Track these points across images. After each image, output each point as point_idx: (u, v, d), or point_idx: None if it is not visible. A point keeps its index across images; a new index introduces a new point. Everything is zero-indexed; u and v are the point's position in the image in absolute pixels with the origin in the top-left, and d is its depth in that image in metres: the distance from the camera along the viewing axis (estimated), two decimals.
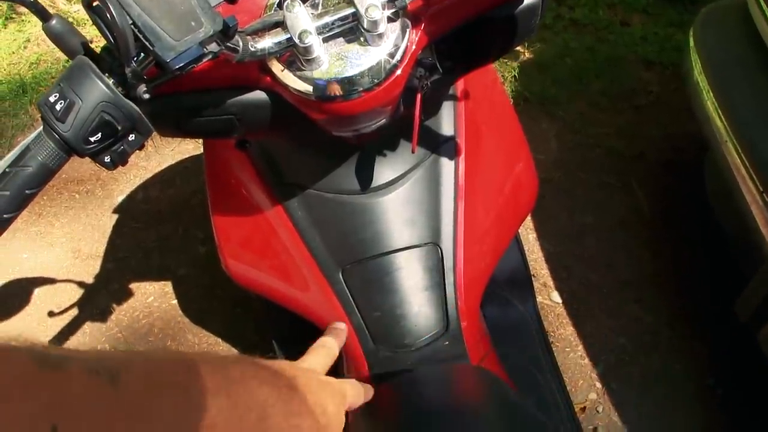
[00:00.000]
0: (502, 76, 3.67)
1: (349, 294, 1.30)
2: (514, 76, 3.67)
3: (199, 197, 3.12)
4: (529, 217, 2.93)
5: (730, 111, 2.04)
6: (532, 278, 2.08)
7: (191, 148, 3.37)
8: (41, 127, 0.79)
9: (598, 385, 2.44)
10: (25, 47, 4.07)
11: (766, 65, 2.01)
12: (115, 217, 3.15)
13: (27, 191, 0.78)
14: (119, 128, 0.80)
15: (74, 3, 4.27)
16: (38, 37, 4.07)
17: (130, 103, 0.80)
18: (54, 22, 0.79)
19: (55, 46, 0.82)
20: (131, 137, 0.83)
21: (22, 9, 4.16)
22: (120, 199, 3.23)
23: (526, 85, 3.61)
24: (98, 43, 0.82)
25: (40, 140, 0.78)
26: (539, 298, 2.62)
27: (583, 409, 2.37)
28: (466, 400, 1.14)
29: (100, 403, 0.59)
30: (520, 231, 2.03)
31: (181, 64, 0.77)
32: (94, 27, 0.77)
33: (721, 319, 2.48)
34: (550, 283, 2.75)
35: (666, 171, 3.11)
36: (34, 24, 4.14)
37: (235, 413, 0.70)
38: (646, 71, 3.67)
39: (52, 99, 0.77)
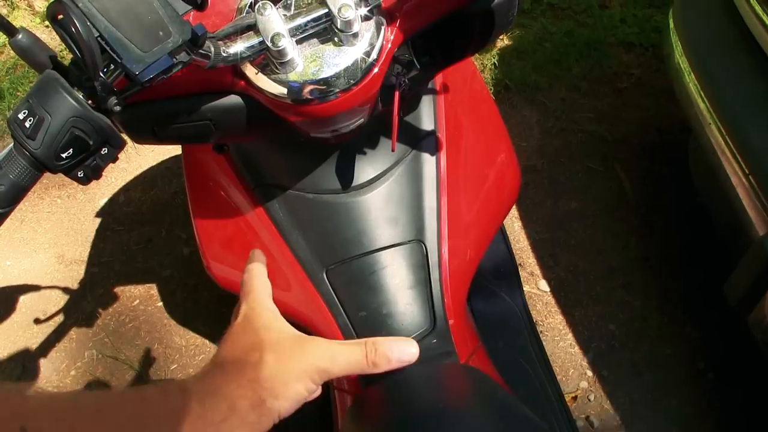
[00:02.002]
0: (482, 63, 3.67)
1: (334, 294, 1.29)
2: (494, 63, 3.67)
3: (181, 198, 3.11)
4: (514, 206, 2.93)
5: (713, 92, 2.03)
6: (519, 268, 2.08)
7: (171, 148, 3.35)
8: (12, 144, 0.77)
9: (589, 373, 2.44)
10: (1, 52, 4.04)
11: (746, 45, 2.00)
12: (98, 220, 3.13)
13: (0, 210, 0.77)
14: (91, 143, 0.78)
15: None
16: None
17: (101, 116, 0.78)
18: (20, 36, 0.77)
19: None
20: (104, 150, 0.81)
21: None
22: (102, 202, 3.21)
23: (506, 72, 3.61)
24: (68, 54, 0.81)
25: (11, 158, 0.76)
26: (527, 288, 2.62)
27: (575, 398, 2.37)
28: (454, 400, 1.13)
29: (64, 410, 0.61)
30: (505, 221, 2.02)
31: (150, 76, 0.75)
32: None
33: (711, 302, 2.48)
34: (537, 271, 2.75)
35: (649, 154, 3.11)
36: None
37: None
38: (626, 54, 3.67)
39: (21, 116, 0.76)
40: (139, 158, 3.37)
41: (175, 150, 3.33)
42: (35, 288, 2.89)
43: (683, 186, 2.78)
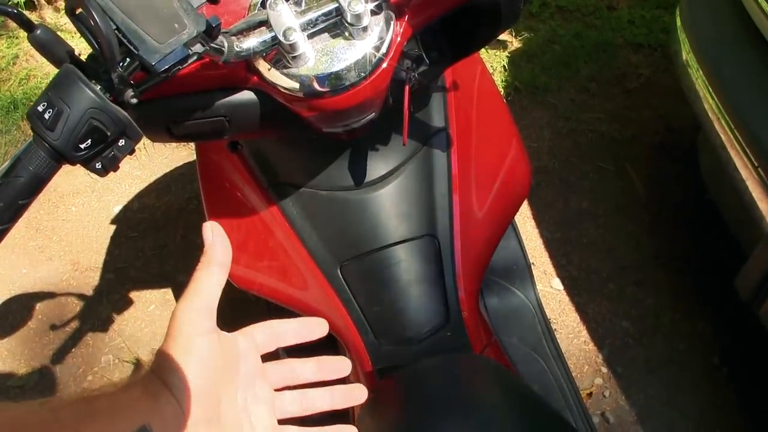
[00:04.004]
0: (491, 66, 3.67)
1: (348, 290, 1.30)
2: (503, 66, 3.67)
3: (195, 203, 3.12)
4: (526, 206, 2.95)
5: (720, 87, 2.04)
6: (532, 266, 2.08)
7: (185, 155, 3.37)
8: (32, 138, 0.79)
9: (604, 369, 2.44)
10: (14, 63, 4.06)
11: (753, 40, 2.00)
12: (113, 227, 3.14)
13: (20, 201, 0.78)
14: (109, 134, 0.80)
15: (61, 16, 4.27)
16: (27, 53, 4.06)
17: (119, 108, 0.79)
18: (39, 32, 0.79)
19: (44, 61, 0.82)
20: (121, 142, 0.83)
21: (10, 26, 4.17)
22: (116, 209, 3.22)
23: (515, 74, 3.61)
24: (85, 54, 0.82)
25: (30, 150, 0.78)
26: (540, 286, 2.62)
27: (590, 394, 2.37)
28: (471, 389, 1.14)
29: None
30: (517, 219, 2.03)
31: (166, 67, 0.77)
32: (82, 38, 0.77)
33: (723, 297, 2.48)
34: (551, 270, 2.75)
35: (659, 152, 3.11)
36: (22, 39, 4.13)
37: None
38: (634, 54, 3.67)
39: (40, 108, 0.77)
40: (152, 165, 3.38)
41: (189, 156, 3.35)
42: (51, 295, 2.89)
43: (693, 183, 2.78)
